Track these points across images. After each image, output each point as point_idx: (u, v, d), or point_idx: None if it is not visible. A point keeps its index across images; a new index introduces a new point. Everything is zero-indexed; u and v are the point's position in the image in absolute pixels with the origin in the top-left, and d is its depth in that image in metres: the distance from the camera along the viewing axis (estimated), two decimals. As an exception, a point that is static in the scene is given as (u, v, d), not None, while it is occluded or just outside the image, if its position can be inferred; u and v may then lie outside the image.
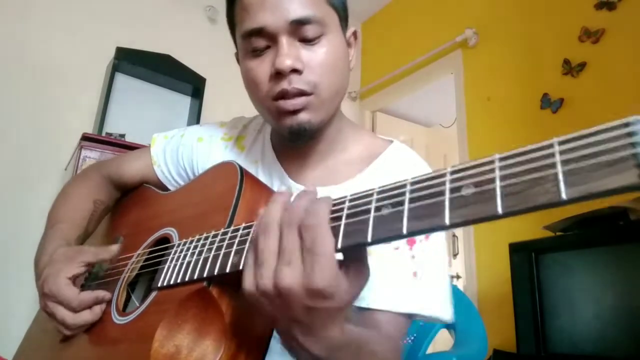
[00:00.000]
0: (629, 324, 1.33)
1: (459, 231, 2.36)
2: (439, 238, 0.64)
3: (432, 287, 0.61)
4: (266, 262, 0.37)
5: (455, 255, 3.20)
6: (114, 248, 0.64)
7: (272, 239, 0.37)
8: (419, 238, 0.62)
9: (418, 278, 0.60)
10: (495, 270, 2.09)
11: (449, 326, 1.25)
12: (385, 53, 3.22)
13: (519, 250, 1.66)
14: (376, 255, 0.60)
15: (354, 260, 0.37)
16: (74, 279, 0.59)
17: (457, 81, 2.59)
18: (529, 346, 1.53)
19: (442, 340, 1.26)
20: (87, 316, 0.58)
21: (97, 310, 0.59)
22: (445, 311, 0.60)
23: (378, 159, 0.69)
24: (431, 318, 0.59)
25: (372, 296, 0.58)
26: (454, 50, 2.62)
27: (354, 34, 0.71)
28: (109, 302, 0.61)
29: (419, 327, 1.07)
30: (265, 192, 0.57)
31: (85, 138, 1.93)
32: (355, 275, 0.37)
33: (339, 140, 0.71)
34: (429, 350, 1.04)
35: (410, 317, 0.60)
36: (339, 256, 0.36)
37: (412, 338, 1.05)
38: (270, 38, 0.60)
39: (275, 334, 0.50)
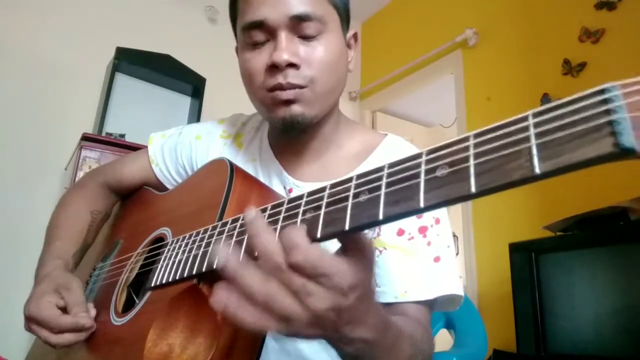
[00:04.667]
0: (629, 324, 1.33)
1: (459, 231, 2.36)
2: (446, 219, 0.67)
3: (452, 268, 0.63)
4: (292, 319, 0.35)
5: (455, 255, 3.20)
6: (83, 319, 0.58)
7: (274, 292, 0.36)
8: (430, 223, 0.64)
9: (441, 262, 0.62)
10: (495, 270, 2.09)
11: (449, 326, 1.25)
12: (385, 53, 3.22)
13: (519, 250, 1.66)
14: (393, 249, 0.61)
15: (351, 243, 0.37)
16: (55, 305, 0.58)
17: (457, 81, 2.58)
18: (529, 346, 1.53)
19: (442, 340, 1.26)
20: (69, 337, 0.57)
21: (82, 333, 0.58)
22: (461, 288, 0.63)
23: (373, 154, 0.70)
24: (451, 296, 0.62)
25: (399, 289, 0.59)
26: (454, 50, 2.62)
27: (354, 36, 0.71)
28: (108, 305, 0.61)
29: (419, 327, 1.07)
30: (257, 186, 0.57)
31: (85, 138, 1.93)
32: (358, 256, 0.36)
33: (335, 137, 0.72)
34: (429, 350, 1.04)
35: (432, 302, 0.61)
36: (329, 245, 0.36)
37: (412, 338, 1.05)
38: (269, 32, 0.61)
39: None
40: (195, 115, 2.43)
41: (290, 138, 0.70)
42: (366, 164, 0.69)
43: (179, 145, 0.81)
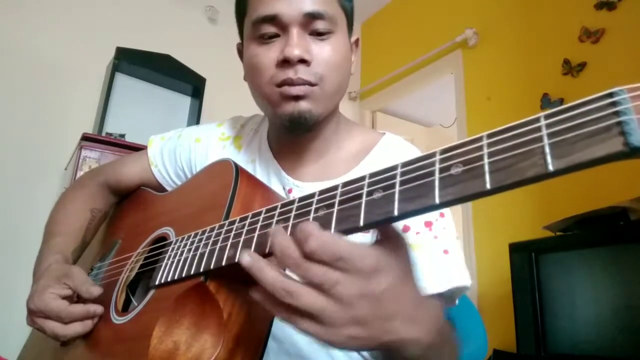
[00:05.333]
0: (629, 324, 1.33)
1: (459, 231, 2.36)
2: (449, 212, 0.67)
3: (460, 259, 0.63)
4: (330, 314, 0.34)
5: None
6: (97, 290, 0.60)
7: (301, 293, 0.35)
8: (434, 217, 0.64)
9: (450, 255, 0.62)
10: (495, 270, 2.09)
11: (448, 326, 1.25)
12: (385, 53, 3.21)
13: (519, 250, 1.66)
14: None
15: (384, 233, 0.36)
16: (60, 296, 0.59)
17: (457, 81, 2.58)
18: (529, 346, 1.53)
19: (442, 340, 1.26)
20: (77, 328, 0.57)
21: (89, 323, 0.58)
22: (470, 279, 0.63)
23: (371, 153, 0.70)
24: (462, 288, 0.62)
25: None
26: (454, 50, 2.62)
27: (356, 41, 0.73)
28: (107, 304, 0.61)
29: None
30: (261, 188, 0.57)
31: (85, 138, 1.93)
32: (386, 242, 0.36)
33: (335, 138, 0.72)
34: (429, 350, 1.04)
35: (444, 295, 0.61)
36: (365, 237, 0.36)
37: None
38: (281, 27, 0.61)
39: (273, 331, 0.50)
40: (195, 116, 2.43)
41: (292, 138, 0.70)
42: (365, 162, 0.69)
43: (178, 148, 0.82)
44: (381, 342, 0.35)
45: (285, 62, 0.59)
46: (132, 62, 2.27)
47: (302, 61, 0.59)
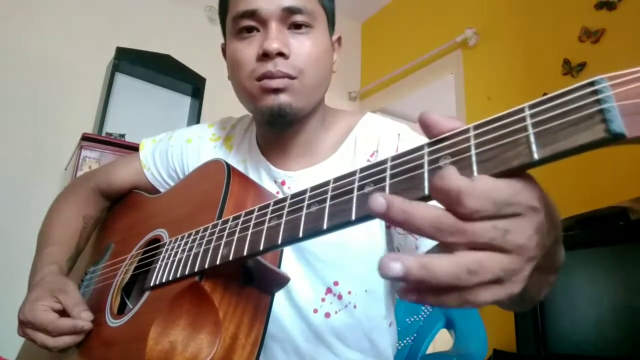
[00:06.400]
0: (629, 324, 1.33)
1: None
2: None
3: None
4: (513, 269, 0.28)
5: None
6: (87, 316, 0.58)
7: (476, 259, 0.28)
8: None
9: None
10: (495, 270, 2.09)
11: (449, 326, 1.25)
12: (385, 53, 3.21)
13: (519, 250, 1.66)
14: None
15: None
16: (50, 309, 0.58)
17: (457, 81, 2.58)
18: (529, 346, 1.53)
19: (442, 340, 1.26)
20: (67, 340, 0.57)
21: (78, 337, 0.58)
22: None
23: (352, 132, 0.71)
24: None
25: None
26: (454, 50, 2.62)
27: (339, 40, 0.73)
28: (103, 307, 0.61)
29: (419, 327, 1.07)
30: (253, 186, 0.58)
31: (85, 138, 1.93)
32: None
33: (323, 129, 0.73)
34: (429, 350, 1.04)
35: None
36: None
37: (412, 338, 1.05)
38: (261, 22, 0.62)
39: (270, 329, 0.50)
40: (195, 115, 2.43)
41: (276, 133, 0.71)
42: (347, 141, 0.70)
43: (169, 149, 0.82)
44: (540, 259, 0.31)
45: (264, 56, 0.61)
46: (132, 62, 2.27)
47: (281, 55, 0.61)
